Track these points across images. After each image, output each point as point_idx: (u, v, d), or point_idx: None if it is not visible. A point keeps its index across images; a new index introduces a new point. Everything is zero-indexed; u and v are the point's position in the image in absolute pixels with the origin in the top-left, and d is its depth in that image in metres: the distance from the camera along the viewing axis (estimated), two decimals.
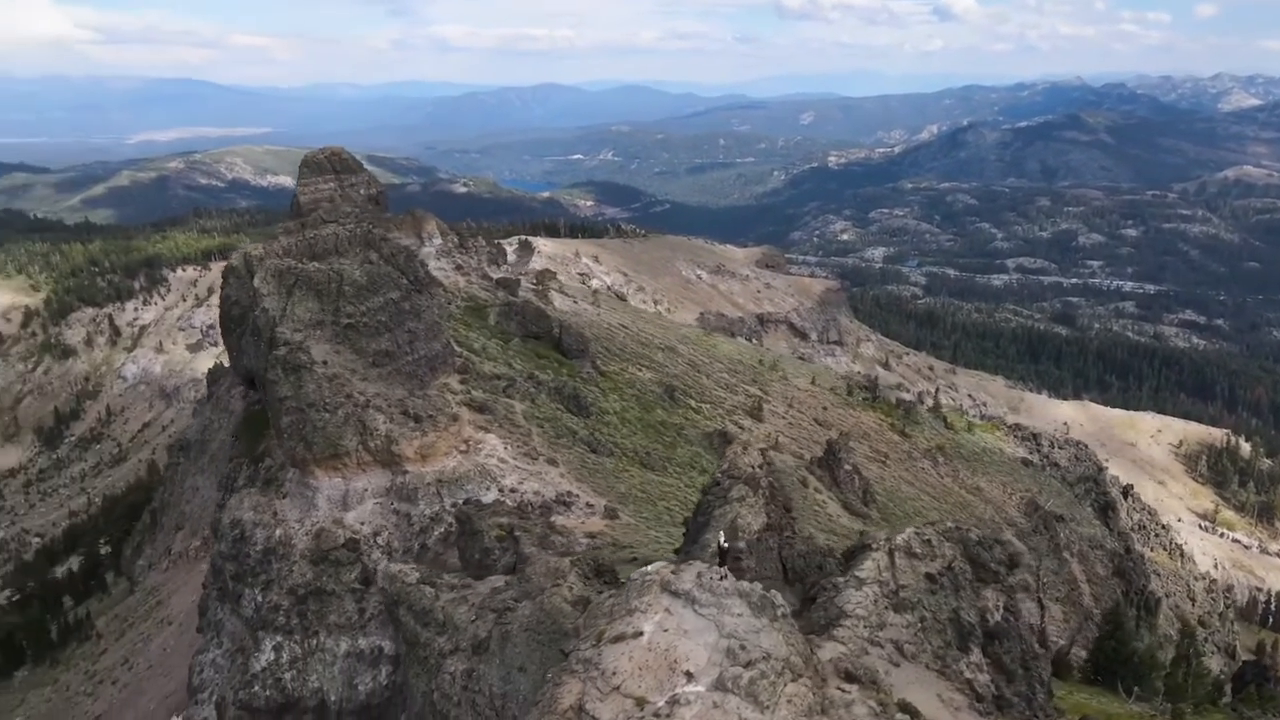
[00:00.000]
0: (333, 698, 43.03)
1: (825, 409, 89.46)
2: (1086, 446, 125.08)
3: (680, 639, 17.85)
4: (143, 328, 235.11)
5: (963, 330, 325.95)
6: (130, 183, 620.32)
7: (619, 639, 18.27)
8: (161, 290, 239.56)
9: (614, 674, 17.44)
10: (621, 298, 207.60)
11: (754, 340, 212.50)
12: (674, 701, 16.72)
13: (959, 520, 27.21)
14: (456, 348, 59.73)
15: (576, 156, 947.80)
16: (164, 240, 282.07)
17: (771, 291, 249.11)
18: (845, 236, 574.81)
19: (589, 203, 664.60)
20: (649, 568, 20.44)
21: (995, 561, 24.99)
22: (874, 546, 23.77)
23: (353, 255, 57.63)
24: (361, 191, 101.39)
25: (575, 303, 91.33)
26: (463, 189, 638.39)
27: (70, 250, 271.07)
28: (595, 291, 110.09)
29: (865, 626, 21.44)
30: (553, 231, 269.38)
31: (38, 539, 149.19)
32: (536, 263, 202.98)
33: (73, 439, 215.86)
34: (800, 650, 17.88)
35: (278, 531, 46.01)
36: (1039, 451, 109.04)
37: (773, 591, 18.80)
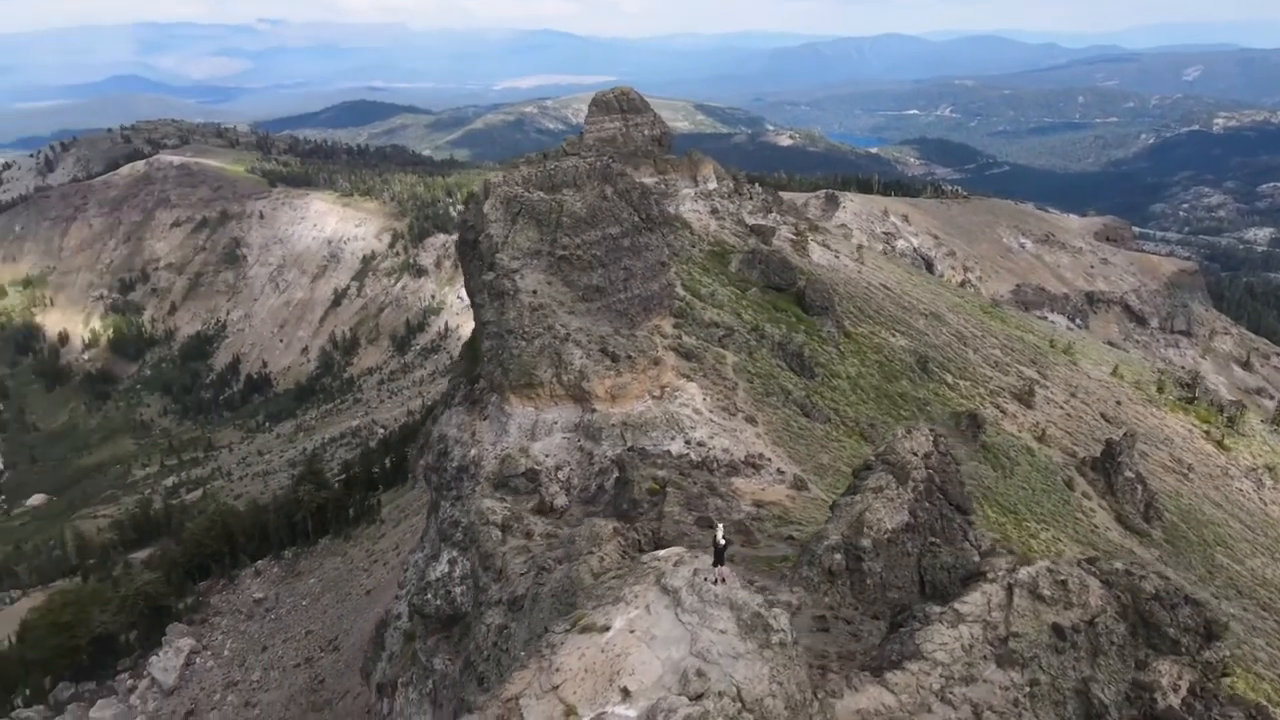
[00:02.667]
0: None
1: (1119, 404, 75.74)
2: None
3: (641, 646, 14.45)
4: None
5: None
6: (485, 125, 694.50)
7: (587, 629, 15.30)
8: None
9: (558, 671, 14.56)
10: (928, 261, 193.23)
11: (1077, 321, 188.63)
12: None
13: (1135, 562, 20.23)
14: (681, 291, 57.61)
15: (911, 111, 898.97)
16: None
17: (1107, 268, 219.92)
18: (1221, 213, 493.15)
19: (916, 160, 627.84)
20: (660, 553, 17.06)
21: (1179, 627, 18.12)
22: (990, 576, 18.11)
23: (589, 189, 57.25)
24: (646, 131, 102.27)
25: (836, 257, 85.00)
26: (787, 141, 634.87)
27: (432, 183, 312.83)
28: (860, 247, 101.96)
29: (941, 676, 16.32)
30: (865, 187, 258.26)
31: (382, 430, 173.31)
32: (840, 217, 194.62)
33: (418, 347, 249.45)
34: (790, 692, 13.68)
35: (472, 451, 47.32)
36: None
37: (775, 610, 14.58)
